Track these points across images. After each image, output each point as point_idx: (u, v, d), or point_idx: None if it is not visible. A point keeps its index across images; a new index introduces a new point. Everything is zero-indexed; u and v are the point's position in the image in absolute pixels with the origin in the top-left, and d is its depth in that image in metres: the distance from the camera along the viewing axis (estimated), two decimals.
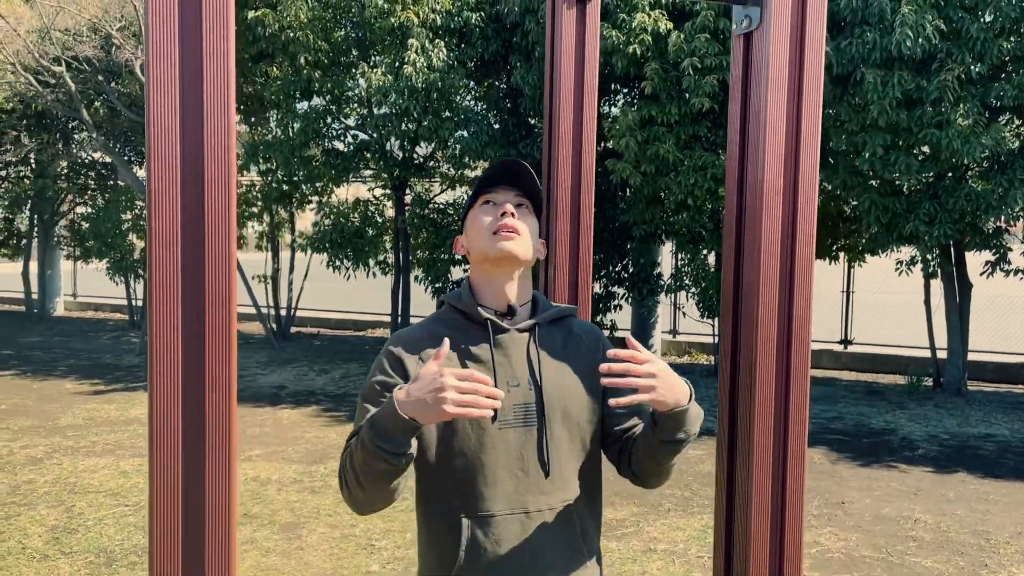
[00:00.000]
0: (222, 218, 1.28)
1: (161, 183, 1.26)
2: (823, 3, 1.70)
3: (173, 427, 1.24)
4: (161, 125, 1.29)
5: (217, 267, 1.26)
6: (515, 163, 1.65)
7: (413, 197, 9.56)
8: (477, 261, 1.56)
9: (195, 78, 1.31)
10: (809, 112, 1.71)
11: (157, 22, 1.30)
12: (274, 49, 8.62)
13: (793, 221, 1.71)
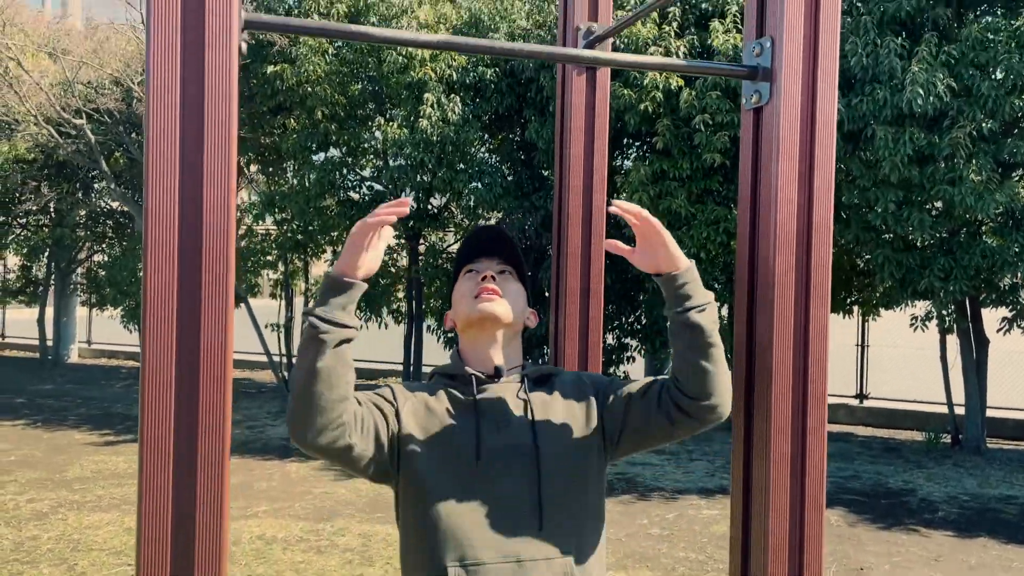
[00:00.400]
0: (219, 269, 1.26)
1: (158, 231, 1.26)
2: (834, 78, 1.70)
3: (163, 484, 1.21)
4: (160, 184, 1.29)
5: (214, 318, 1.25)
6: (492, 231, 1.64)
7: (427, 247, 9.60)
8: (462, 329, 1.55)
9: (196, 136, 1.32)
10: (821, 186, 1.70)
11: (158, 75, 1.31)
12: (292, 103, 8.76)
13: (807, 297, 1.69)
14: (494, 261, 1.60)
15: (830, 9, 1.70)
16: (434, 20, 8.27)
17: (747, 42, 1.77)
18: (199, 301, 1.25)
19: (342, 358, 1.30)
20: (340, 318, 1.30)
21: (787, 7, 1.67)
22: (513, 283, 1.58)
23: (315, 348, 1.29)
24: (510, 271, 1.60)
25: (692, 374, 1.43)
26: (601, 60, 1.89)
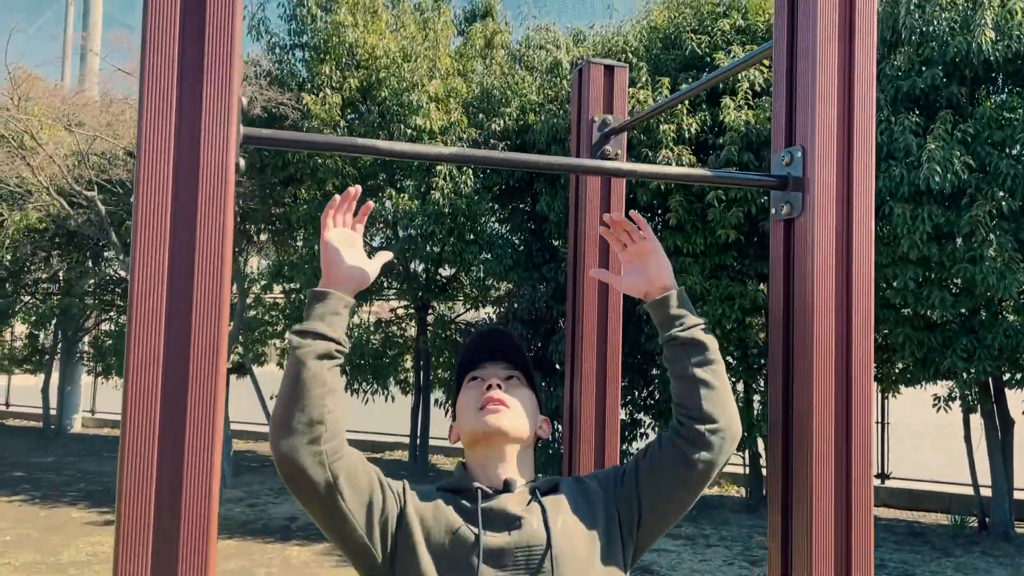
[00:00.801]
0: (210, 338, 1.18)
1: (144, 303, 1.15)
2: (870, 187, 1.59)
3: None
4: (147, 270, 1.19)
5: (202, 391, 1.14)
6: (496, 333, 1.52)
7: (435, 317, 9.50)
8: (468, 444, 1.42)
9: (186, 263, 1.21)
10: (860, 302, 1.58)
11: (148, 195, 1.21)
12: (303, 174, 8.77)
13: (848, 426, 1.56)
14: (499, 366, 1.47)
15: (864, 116, 1.60)
16: (444, 94, 8.31)
17: (776, 151, 1.67)
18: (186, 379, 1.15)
19: (318, 377, 1.22)
20: (318, 328, 1.23)
21: (819, 115, 1.57)
22: (522, 390, 1.45)
23: (291, 364, 1.24)
24: (518, 376, 1.47)
25: (699, 395, 1.36)
26: (622, 172, 1.79)
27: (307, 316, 1.27)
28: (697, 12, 7.25)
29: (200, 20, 1.24)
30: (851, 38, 1.60)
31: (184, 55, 1.23)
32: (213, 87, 1.24)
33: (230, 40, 1.25)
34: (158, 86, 1.22)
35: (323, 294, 1.27)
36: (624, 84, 2.62)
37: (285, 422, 1.22)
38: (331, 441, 1.24)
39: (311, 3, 8.86)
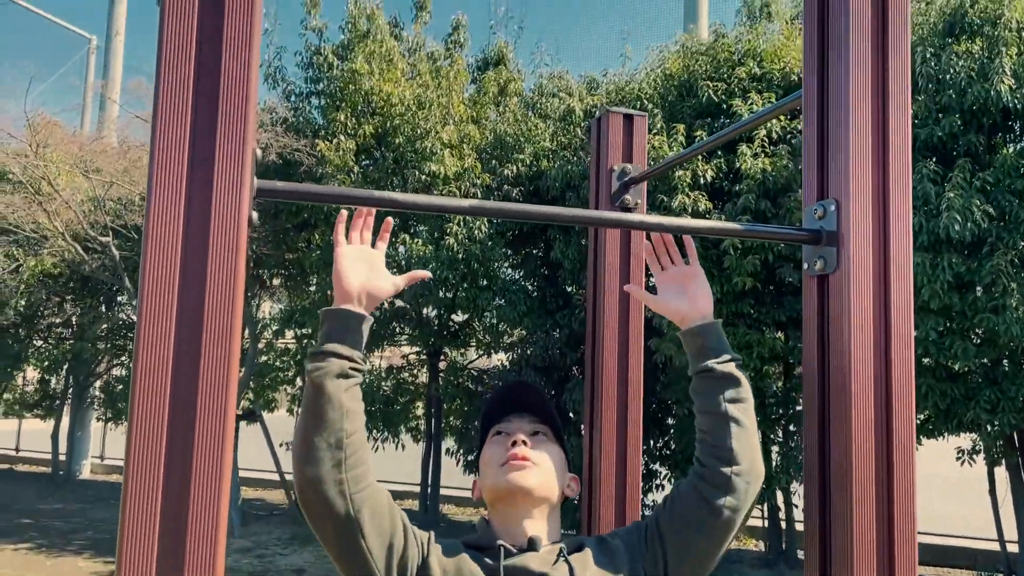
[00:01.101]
0: (218, 392, 1.12)
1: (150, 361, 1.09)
2: (908, 242, 1.53)
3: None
4: (154, 323, 1.13)
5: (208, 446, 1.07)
6: (523, 386, 1.47)
7: (448, 364, 9.41)
8: (491, 501, 1.35)
9: (195, 319, 1.15)
10: (900, 361, 1.50)
11: (157, 245, 1.15)
12: (316, 219, 8.79)
13: (890, 485, 1.47)
14: (525, 420, 1.41)
15: (900, 166, 1.54)
16: (458, 140, 8.34)
17: (807, 203, 1.61)
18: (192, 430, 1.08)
19: (334, 400, 1.17)
20: (330, 347, 1.19)
21: (852, 167, 1.51)
22: (549, 446, 1.39)
23: (307, 388, 1.20)
24: (545, 432, 1.41)
25: (728, 433, 1.31)
26: (645, 224, 1.73)
27: (320, 337, 1.23)
28: (713, 60, 7.27)
29: (215, 71, 1.20)
30: (884, 88, 1.55)
31: (198, 106, 1.19)
32: (227, 139, 1.19)
33: (245, 92, 1.21)
34: (170, 137, 1.17)
35: (334, 312, 1.23)
36: (643, 133, 2.58)
37: (304, 448, 1.19)
38: (354, 469, 1.19)
39: (328, 51, 8.97)
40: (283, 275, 10.18)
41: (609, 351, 2.41)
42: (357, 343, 1.22)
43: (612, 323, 2.45)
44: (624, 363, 2.43)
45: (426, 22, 9.56)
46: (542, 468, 1.34)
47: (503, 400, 1.45)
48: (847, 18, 1.53)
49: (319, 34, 9.21)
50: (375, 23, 8.96)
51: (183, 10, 1.18)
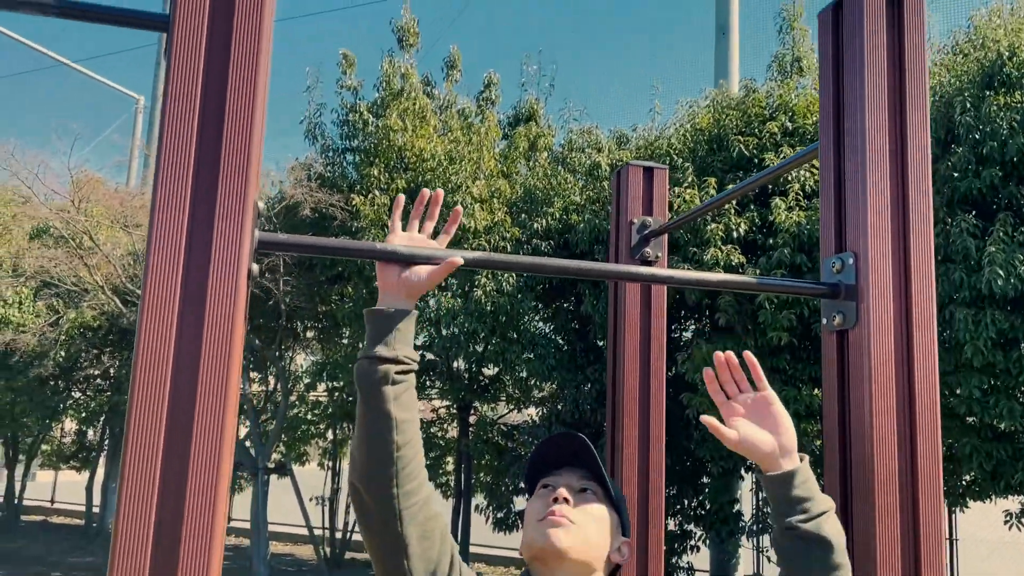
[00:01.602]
0: (211, 451, 1.09)
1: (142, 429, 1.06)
2: (931, 295, 1.47)
3: None
4: (149, 374, 1.10)
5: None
6: (574, 438, 1.35)
7: (477, 419, 9.33)
8: (529, 559, 1.28)
9: (190, 384, 1.13)
10: (925, 420, 1.43)
11: (154, 306, 1.14)
12: (349, 272, 8.86)
13: (916, 551, 1.39)
14: (575, 476, 1.33)
15: (920, 218, 1.49)
16: (488, 195, 8.40)
17: (825, 256, 1.57)
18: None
19: (379, 411, 1.13)
20: (374, 351, 1.15)
21: (871, 218, 1.47)
22: (596, 506, 1.30)
23: (358, 399, 1.17)
24: (594, 490, 1.32)
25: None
26: (659, 278, 1.69)
27: (365, 341, 1.19)
28: (744, 114, 7.27)
29: (218, 124, 1.20)
30: (903, 138, 1.51)
31: (200, 160, 1.19)
32: (227, 192, 1.19)
33: (247, 146, 1.20)
34: (171, 189, 1.17)
35: (373, 313, 1.19)
36: (664, 186, 2.55)
37: (355, 460, 1.16)
38: (405, 484, 1.13)
39: (363, 109, 9.15)
40: (316, 328, 10.25)
41: (630, 406, 2.35)
42: (402, 341, 1.17)
43: (633, 377, 2.40)
44: (645, 418, 2.37)
45: (457, 80, 9.73)
46: (581, 528, 1.25)
47: (552, 450, 1.37)
48: (862, 69, 1.50)
49: (355, 92, 9.42)
50: (408, 81, 9.15)
51: (189, 63, 1.19)
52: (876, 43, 1.52)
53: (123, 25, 1.19)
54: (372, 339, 1.18)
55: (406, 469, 1.14)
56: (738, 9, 10.07)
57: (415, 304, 1.22)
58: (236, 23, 1.21)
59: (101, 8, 1.17)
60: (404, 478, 1.13)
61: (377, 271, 1.23)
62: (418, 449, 1.17)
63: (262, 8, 1.22)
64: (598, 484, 1.32)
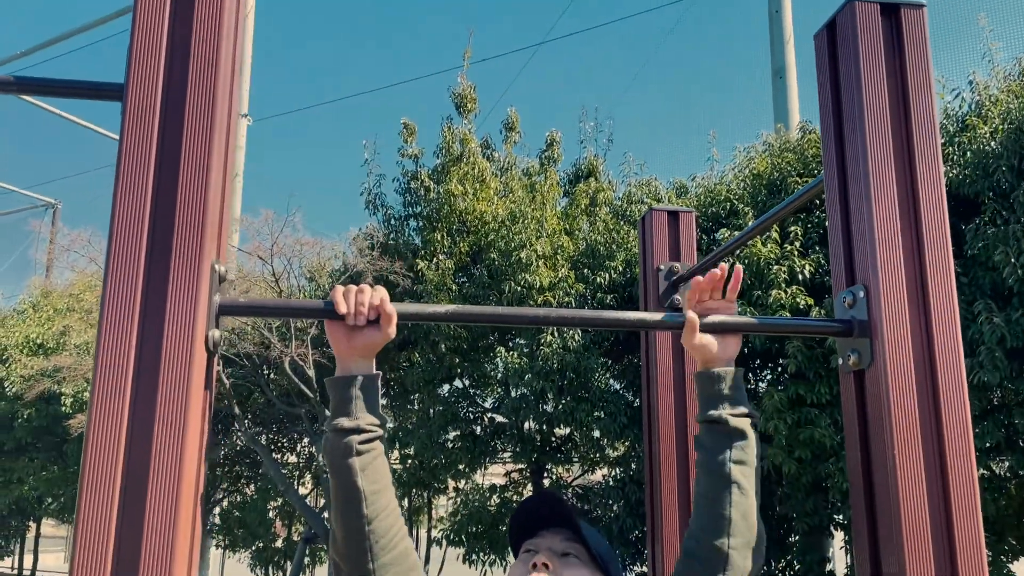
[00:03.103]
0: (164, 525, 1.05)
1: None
2: (955, 328, 1.33)
3: None
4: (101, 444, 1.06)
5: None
6: (553, 500, 1.32)
7: (551, 481, 9.14)
8: None
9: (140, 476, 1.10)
10: (957, 463, 1.29)
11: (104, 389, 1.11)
12: (416, 338, 8.91)
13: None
14: (558, 538, 1.29)
15: (937, 244, 1.37)
16: (551, 251, 8.38)
17: (837, 291, 1.45)
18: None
19: (348, 484, 1.12)
20: (337, 423, 1.14)
21: (879, 248, 1.35)
22: (579, 570, 1.25)
23: (340, 454, 1.15)
24: (578, 554, 1.27)
25: (727, 501, 1.18)
26: (659, 324, 1.60)
27: (329, 412, 1.19)
28: (801, 156, 7.09)
29: (171, 192, 1.19)
30: (910, 160, 1.40)
31: (154, 226, 1.18)
32: (182, 257, 1.17)
33: (202, 210, 1.19)
34: (125, 255, 1.16)
35: (333, 381, 1.18)
36: (691, 229, 2.46)
37: (332, 536, 1.16)
38: (381, 556, 1.13)
39: (424, 176, 9.32)
40: (389, 396, 10.31)
41: (667, 456, 2.23)
42: (364, 408, 1.16)
43: (669, 427, 2.29)
44: (684, 466, 2.24)
45: (516, 141, 9.84)
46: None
47: (535, 513, 1.34)
48: (859, 90, 1.41)
49: (415, 160, 9.62)
50: (467, 146, 9.29)
51: (142, 130, 1.19)
52: (874, 63, 1.43)
53: (80, 97, 1.20)
54: (334, 410, 1.17)
55: (379, 542, 1.13)
56: (794, 51, 9.94)
57: (372, 362, 1.18)
58: (190, 91, 1.21)
59: (58, 82, 1.19)
60: (379, 550, 1.13)
61: (328, 334, 1.20)
62: (392, 520, 1.15)
63: (216, 77, 1.22)
64: (582, 546, 1.27)
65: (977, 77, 6.47)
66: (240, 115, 13.16)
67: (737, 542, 1.16)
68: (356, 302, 1.17)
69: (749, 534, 1.18)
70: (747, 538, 1.17)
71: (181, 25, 1.23)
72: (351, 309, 1.16)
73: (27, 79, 1.18)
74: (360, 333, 1.17)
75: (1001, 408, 6.10)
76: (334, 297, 1.17)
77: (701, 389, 1.28)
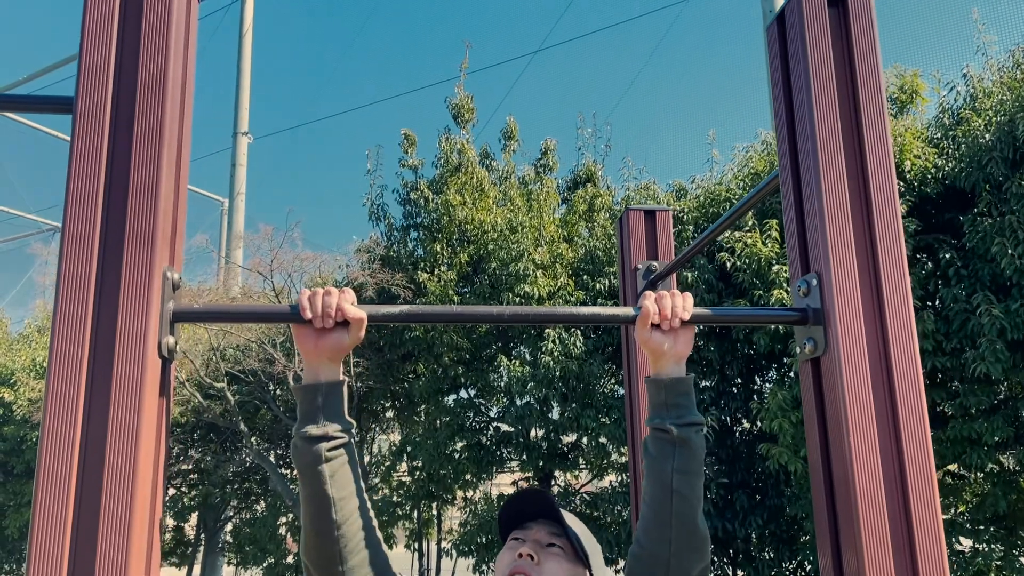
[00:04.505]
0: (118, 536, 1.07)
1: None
2: (908, 316, 1.34)
3: None
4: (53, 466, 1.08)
5: None
6: (538, 495, 1.36)
7: (560, 489, 9.11)
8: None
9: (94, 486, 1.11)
10: (914, 449, 1.29)
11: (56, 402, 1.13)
12: (419, 350, 8.92)
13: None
14: (545, 530, 1.32)
15: (888, 234, 1.37)
16: (551, 260, 8.38)
17: (793, 279, 1.46)
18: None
19: (316, 492, 1.14)
20: (304, 431, 1.16)
21: (830, 235, 1.36)
22: (561, 563, 1.28)
23: (305, 453, 1.17)
24: (563, 547, 1.30)
25: (668, 509, 1.21)
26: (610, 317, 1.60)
27: (297, 419, 1.20)
28: None
29: (123, 199, 1.21)
30: (860, 149, 1.41)
31: (106, 235, 1.19)
32: (132, 265, 1.18)
33: (152, 217, 1.21)
34: (77, 262, 1.17)
35: (300, 389, 1.19)
36: (668, 228, 2.47)
37: (302, 541, 1.18)
38: (351, 559, 1.15)
39: (423, 187, 9.35)
40: (395, 407, 10.32)
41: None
42: (331, 414, 1.17)
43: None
44: None
45: (514, 150, 9.86)
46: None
47: (522, 507, 1.37)
48: (808, 80, 1.42)
49: (415, 171, 9.65)
50: (466, 156, 9.31)
51: (92, 142, 1.21)
52: (822, 53, 1.44)
53: (31, 111, 1.23)
54: (302, 417, 1.18)
55: (348, 546, 1.15)
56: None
57: (339, 367, 1.19)
58: (139, 102, 1.23)
59: (9, 97, 1.21)
60: (348, 554, 1.15)
61: (295, 338, 1.21)
62: (363, 523, 1.17)
63: (164, 89, 1.24)
64: (568, 541, 1.31)
65: (971, 70, 6.46)
66: (241, 133, 13.25)
67: (676, 548, 1.19)
68: (323, 304, 1.18)
69: (689, 539, 1.21)
70: (686, 543, 1.20)
71: (129, 38, 1.25)
72: (317, 312, 1.17)
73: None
74: (327, 336, 1.18)
75: (1008, 402, 6.07)
76: (300, 301, 1.18)
77: (650, 396, 1.29)
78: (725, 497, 7.31)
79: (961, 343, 5.75)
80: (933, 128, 6.53)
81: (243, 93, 13.26)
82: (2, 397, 10.79)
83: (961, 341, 5.74)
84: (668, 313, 1.29)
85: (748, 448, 7.69)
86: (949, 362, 5.80)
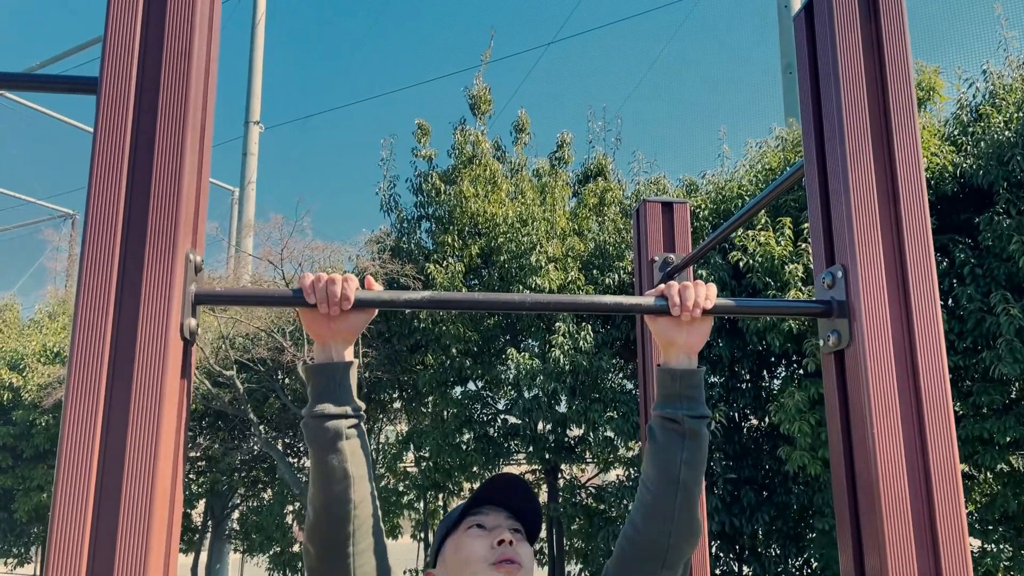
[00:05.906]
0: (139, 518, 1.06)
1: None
2: (935, 308, 1.32)
3: None
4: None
5: None
6: (512, 480, 1.37)
7: (566, 482, 9.12)
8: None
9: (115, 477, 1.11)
10: (939, 446, 1.27)
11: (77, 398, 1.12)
12: (427, 340, 8.93)
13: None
14: (503, 515, 1.35)
15: (915, 225, 1.36)
16: (562, 254, 8.37)
17: (817, 272, 1.45)
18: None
19: (330, 469, 1.13)
20: (317, 409, 1.15)
21: (856, 226, 1.34)
22: (526, 547, 1.33)
23: (311, 459, 1.17)
24: (521, 531, 1.35)
25: (672, 499, 1.22)
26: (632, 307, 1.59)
27: (310, 398, 1.19)
28: None
29: (147, 181, 1.20)
30: (888, 138, 1.39)
31: (129, 217, 1.19)
32: (155, 247, 1.18)
33: (175, 200, 1.20)
34: (100, 244, 1.16)
35: (316, 368, 1.19)
36: (686, 220, 2.46)
37: (312, 522, 1.16)
38: (361, 542, 1.15)
39: (435, 178, 9.34)
40: (403, 398, 10.34)
41: None
42: (347, 393, 1.18)
43: None
44: None
45: (526, 143, 9.84)
46: (526, 571, 1.30)
47: (490, 489, 1.37)
48: (836, 70, 1.40)
49: (428, 161, 9.64)
50: (480, 148, 9.30)
51: (116, 123, 1.20)
52: (851, 43, 1.42)
53: (55, 91, 1.22)
54: (317, 396, 1.17)
55: (361, 528, 1.14)
56: None
57: (352, 349, 1.19)
58: (163, 84, 1.23)
59: (34, 77, 1.21)
60: (361, 535, 1.14)
61: (304, 322, 1.20)
62: (371, 510, 1.17)
63: (188, 70, 1.24)
64: (522, 524, 1.35)
65: (991, 67, 6.41)
66: (253, 122, 13.25)
67: (676, 538, 1.21)
68: (328, 293, 1.17)
69: (688, 530, 1.23)
70: (686, 534, 1.23)
71: (154, 19, 1.24)
72: (320, 299, 1.17)
73: (2, 75, 1.20)
74: (338, 319, 1.18)
75: (1020, 401, 6.03)
76: (303, 286, 1.18)
77: (661, 384, 1.29)
78: (732, 493, 7.30)
79: (975, 342, 5.72)
80: (951, 125, 6.48)
81: (255, 82, 13.27)
82: (11, 382, 10.85)
83: (975, 340, 5.71)
84: (690, 304, 1.28)
85: (756, 444, 7.67)
86: (962, 361, 5.76)
